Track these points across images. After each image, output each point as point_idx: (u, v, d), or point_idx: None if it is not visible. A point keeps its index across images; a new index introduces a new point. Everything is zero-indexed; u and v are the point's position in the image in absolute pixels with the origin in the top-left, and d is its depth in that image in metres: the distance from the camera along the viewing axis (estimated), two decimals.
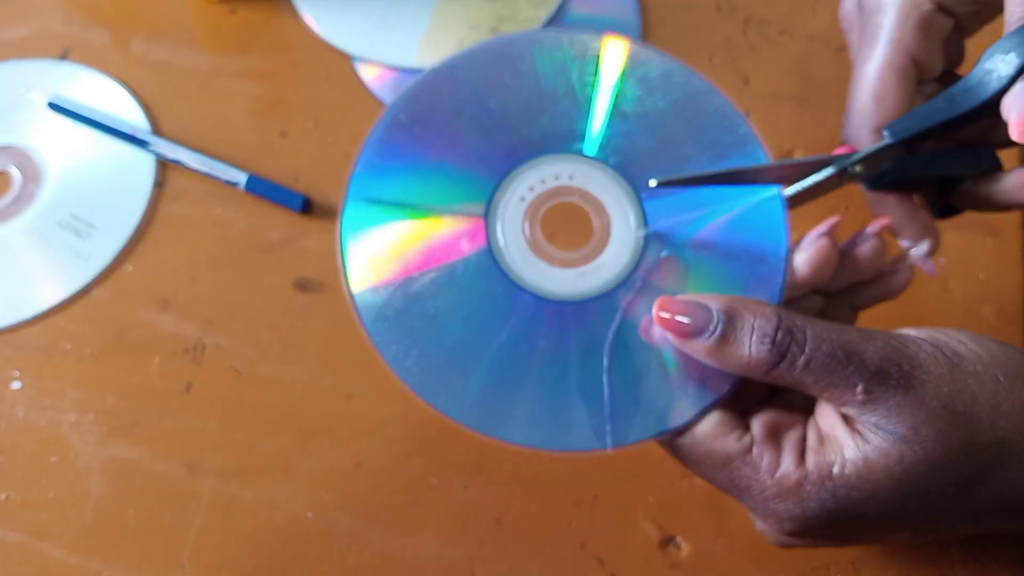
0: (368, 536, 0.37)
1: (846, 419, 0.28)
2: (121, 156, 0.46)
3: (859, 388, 0.27)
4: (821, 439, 0.28)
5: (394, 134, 0.32)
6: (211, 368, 0.41)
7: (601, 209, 0.32)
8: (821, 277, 0.31)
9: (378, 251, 0.31)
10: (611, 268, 0.31)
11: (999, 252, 0.43)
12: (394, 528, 0.37)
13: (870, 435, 0.27)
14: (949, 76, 0.37)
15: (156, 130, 0.47)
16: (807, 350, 0.27)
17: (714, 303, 0.28)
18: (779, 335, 0.28)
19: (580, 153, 0.32)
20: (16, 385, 0.41)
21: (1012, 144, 0.33)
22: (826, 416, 0.29)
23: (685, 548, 0.37)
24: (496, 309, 0.30)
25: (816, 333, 0.28)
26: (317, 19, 0.51)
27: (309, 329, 0.42)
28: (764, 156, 0.32)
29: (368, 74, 0.49)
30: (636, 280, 0.30)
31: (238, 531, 0.37)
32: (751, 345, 0.28)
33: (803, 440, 0.29)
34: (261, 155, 0.47)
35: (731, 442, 0.28)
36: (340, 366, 0.41)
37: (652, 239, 0.31)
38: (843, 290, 0.33)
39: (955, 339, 0.29)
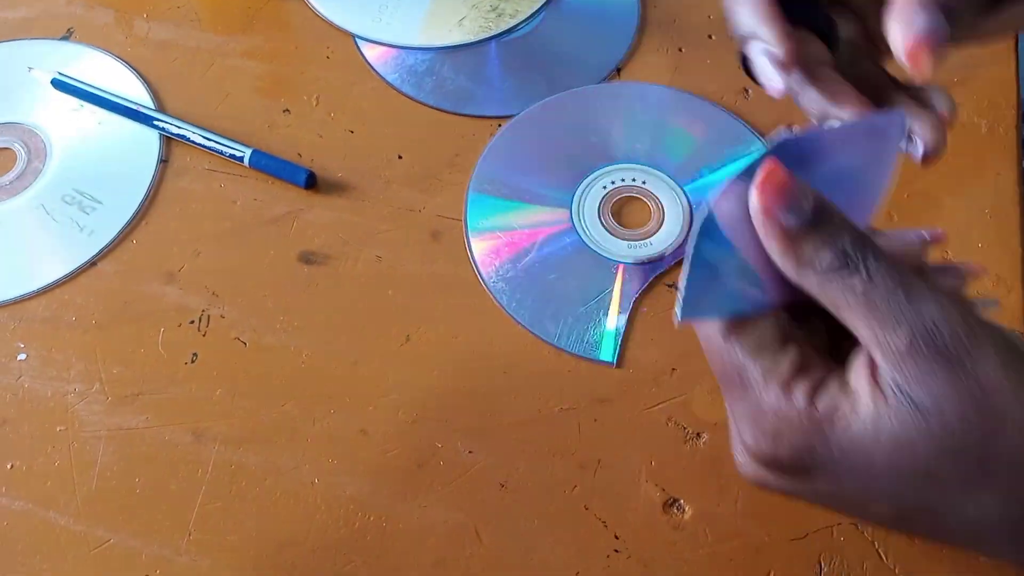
0: (373, 501, 0.37)
1: (873, 372, 0.26)
2: (126, 133, 0.47)
3: (904, 332, 0.25)
4: (841, 386, 0.27)
5: (507, 139, 0.46)
6: (216, 338, 0.41)
7: (657, 199, 0.44)
8: None
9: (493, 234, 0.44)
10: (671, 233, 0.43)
11: (996, 220, 0.43)
12: (399, 493, 0.37)
13: (891, 396, 0.26)
14: None
15: (160, 108, 0.48)
16: (871, 271, 0.26)
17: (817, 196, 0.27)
18: (851, 247, 0.26)
19: (639, 163, 0.45)
20: (22, 356, 0.41)
21: None
22: (855, 371, 0.27)
23: (688, 510, 0.37)
24: (590, 272, 0.42)
25: (889, 265, 0.26)
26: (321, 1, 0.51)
27: (314, 300, 0.42)
28: (756, 138, 0.45)
29: (370, 53, 0.49)
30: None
31: (244, 498, 0.37)
32: (823, 242, 0.26)
33: (823, 380, 0.27)
34: (265, 132, 0.47)
35: (765, 341, 0.28)
36: (345, 335, 0.41)
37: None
38: None
39: None
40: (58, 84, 0.48)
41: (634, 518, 0.37)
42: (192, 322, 0.41)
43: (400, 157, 0.46)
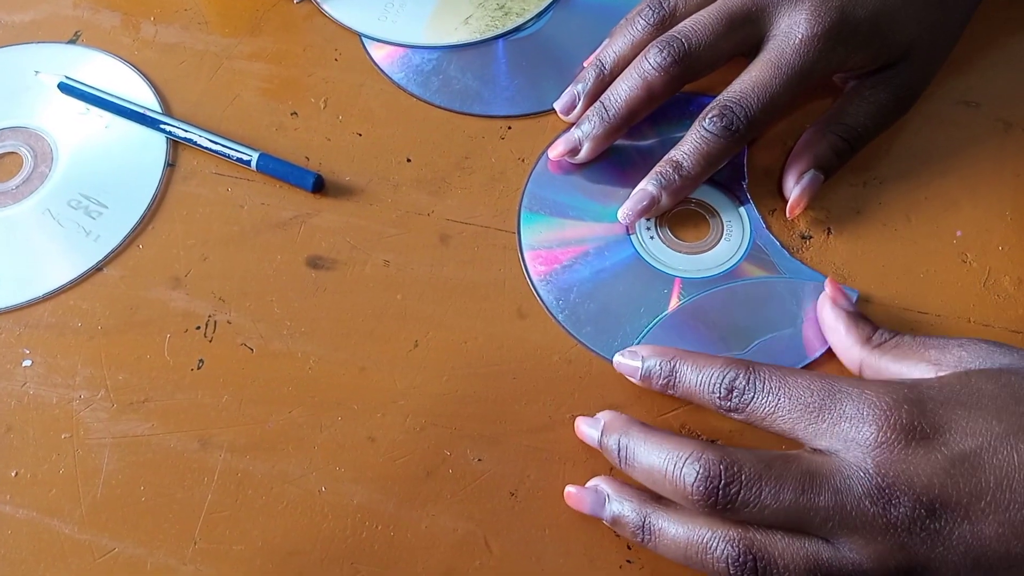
0: (381, 509, 0.37)
1: None
2: (132, 137, 0.46)
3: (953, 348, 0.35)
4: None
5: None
6: (223, 344, 0.41)
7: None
8: None
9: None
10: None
11: (1017, 224, 0.42)
12: (408, 501, 0.37)
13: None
14: None
15: (167, 111, 0.47)
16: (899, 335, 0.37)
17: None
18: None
19: None
20: (27, 363, 0.40)
21: None
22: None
23: None
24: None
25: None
26: (327, 0, 0.51)
27: (321, 305, 0.41)
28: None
29: (377, 53, 0.49)
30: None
31: (250, 505, 0.37)
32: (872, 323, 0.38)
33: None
34: (272, 135, 0.46)
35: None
36: (353, 341, 0.40)
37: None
38: None
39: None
40: (65, 88, 0.47)
41: None
42: (198, 328, 0.41)
43: (409, 160, 0.46)
